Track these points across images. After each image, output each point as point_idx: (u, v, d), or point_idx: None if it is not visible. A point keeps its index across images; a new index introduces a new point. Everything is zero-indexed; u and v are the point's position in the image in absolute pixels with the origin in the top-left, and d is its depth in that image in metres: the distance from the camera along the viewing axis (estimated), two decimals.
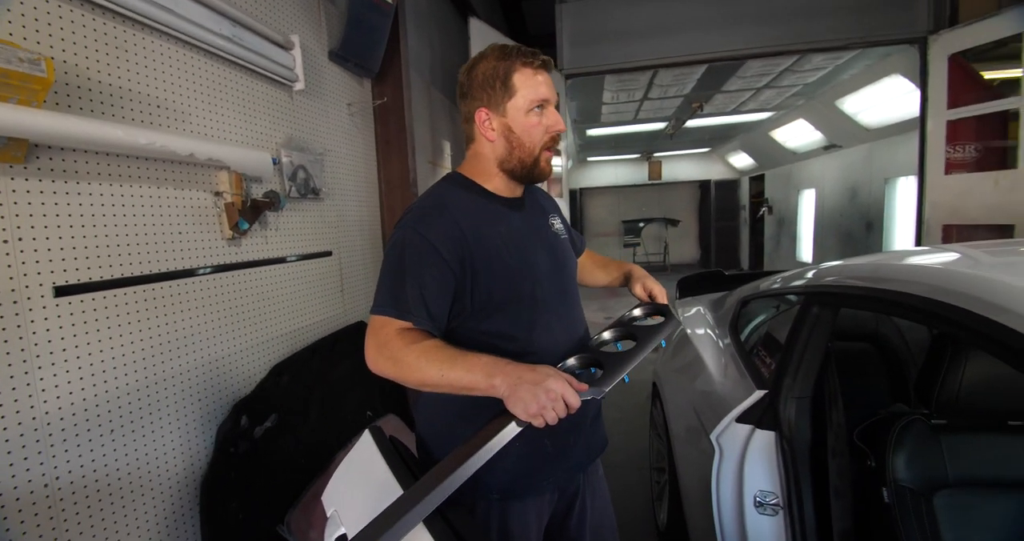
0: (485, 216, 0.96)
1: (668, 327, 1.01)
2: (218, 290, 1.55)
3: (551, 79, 0.98)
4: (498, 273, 0.93)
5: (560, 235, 1.10)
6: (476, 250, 0.91)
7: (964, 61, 3.22)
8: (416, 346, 0.83)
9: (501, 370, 0.78)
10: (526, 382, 0.76)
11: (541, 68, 0.96)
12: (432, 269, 0.88)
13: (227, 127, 1.60)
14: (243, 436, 1.59)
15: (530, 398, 0.75)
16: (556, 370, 0.81)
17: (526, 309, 0.95)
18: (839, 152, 6.37)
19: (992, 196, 2.99)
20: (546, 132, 0.97)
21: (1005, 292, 0.72)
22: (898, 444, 0.97)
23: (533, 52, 0.95)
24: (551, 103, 0.97)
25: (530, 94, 0.94)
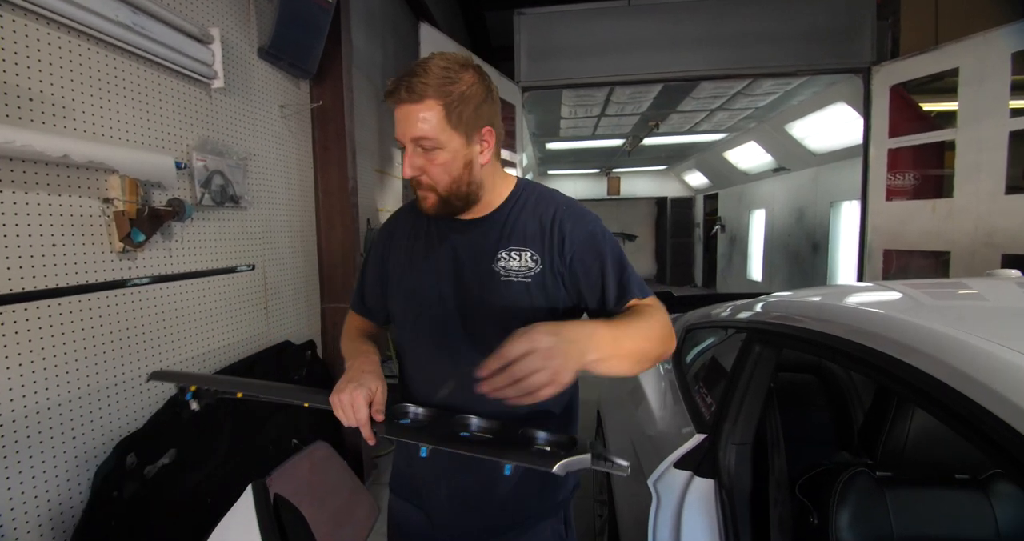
0: (410, 230, 0.98)
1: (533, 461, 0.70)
2: (104, 311, 1.35)
3: (415, 114, 0.79)
4: (392, 287, 0.98)
5: (503, 275, 0.87)
6: (388, 259, 0.99)
7: (904, 92, 3.35)
8: (347, 329, 1.06)
9: (354, 359, 0.89)
10: (346, 376, 0.84)
11: (396, 104, 0.81)
12: (372, 261, 1.03)
13: (122, 126, 1.40)
14: (130, 476, 1.38)
15: (337, 388, 0.82)
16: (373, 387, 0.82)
17: (398, 323, 0.99)
18: (788, 175, 6.60)
19: (930, 223, 3.10)
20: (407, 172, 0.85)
21: (944, 344, 0.65)
22: (842, 500, 0.90)
23: (395, 84, 0.80)
24: (405, 143, 0.82)
25: (396, 134, 0.84)
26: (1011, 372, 0.56)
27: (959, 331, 0.66)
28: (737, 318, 1.27)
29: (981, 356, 0.62)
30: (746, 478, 0.99)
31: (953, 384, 0.60)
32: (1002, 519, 0.87)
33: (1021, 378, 0.55)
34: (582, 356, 0.65)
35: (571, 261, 0.87)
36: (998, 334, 0.67)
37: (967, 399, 0.57)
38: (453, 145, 0.81)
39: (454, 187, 0.84)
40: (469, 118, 0.81)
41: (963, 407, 0.57)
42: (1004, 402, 0.53)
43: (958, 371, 0.60)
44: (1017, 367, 0.57)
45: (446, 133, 0.80)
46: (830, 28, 3.70)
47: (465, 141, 0.83)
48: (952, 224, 2.96)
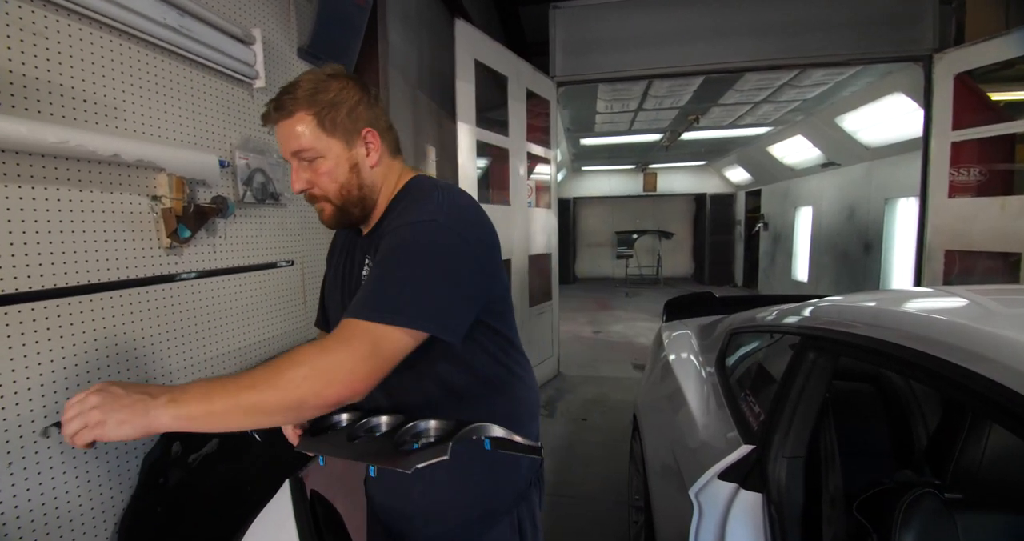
0: (340, 240, 1.05)
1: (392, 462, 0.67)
2: (153, 304, 1.39)
3: (289, 128, 0.82)
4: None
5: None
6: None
7: (971, 81, 3.12)
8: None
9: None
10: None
11: (271, 122, 0.84)
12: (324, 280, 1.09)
13: (169, 125, 1.45)
14: (175, 465, 1.43)
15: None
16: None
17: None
18: (838, 170, 6.28)
19: (997, 221, 2.87)
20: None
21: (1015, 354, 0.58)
22: (906, 523, 0.83)
23: (269, 103, 0.84)
24: (288, 158, 0.86)
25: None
26: None
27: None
28: (787, 323, 1.20)
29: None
30: (797, 493, 0.93)
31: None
32: None
33: None
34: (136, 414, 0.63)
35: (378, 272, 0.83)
36: None
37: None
38: (334, 151, 0.83)
39: (344, 193, 0.86)
40: (344, 122, 0.82)
41: None
42: None
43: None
44: None
45: (322, 141, 0.82)
46: (887, 13, 3.48)
47: (345, 146, 0.84)
48: (1023, 222, 2.74)
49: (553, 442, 3.06)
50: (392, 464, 0.65)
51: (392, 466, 0.65)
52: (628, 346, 5.55)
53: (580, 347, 5.47)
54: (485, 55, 3.24)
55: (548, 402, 3.78)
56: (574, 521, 2.24)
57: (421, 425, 0.75)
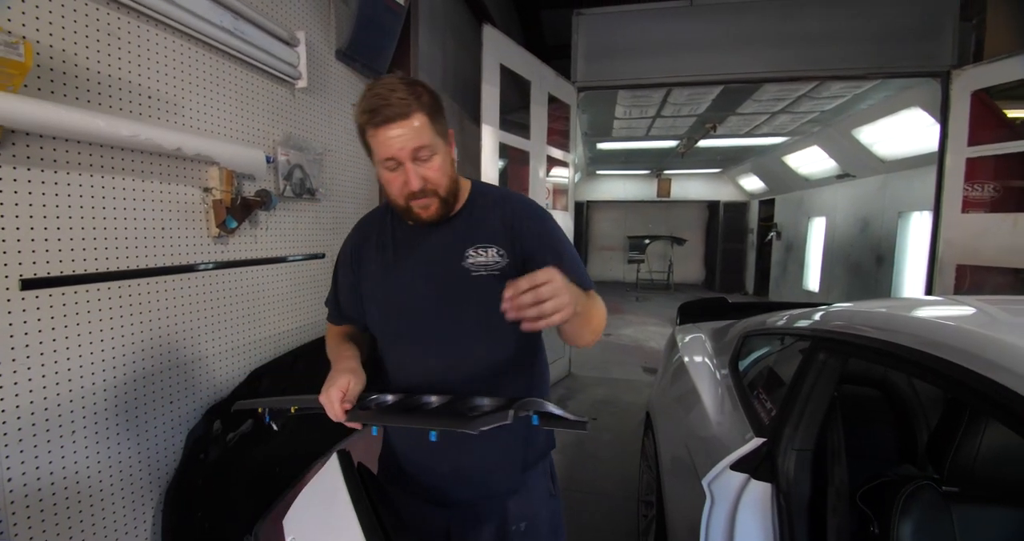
0: (377, 237, 1.03)
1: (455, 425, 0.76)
2: (199, 289, 1.49)
3: (408, 127, 0.84)
4: (367, 293, 1.02)
5: (474, 272, 0.93)
6: (360, 266, 1.03)
7: (988, 98, 3.15)
8: (329, 332, 1.15)
9: (336, 364, 0.96)
10: (329, 378, 0.92)
11: (384, 124, 0.83)
12: (342, 270, 1.07)
13: (221, 122, 1.54)
14: (215, 442, 1.52)
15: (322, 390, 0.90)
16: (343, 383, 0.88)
17: (378, 328, 1.03)
18: (852, 182, 6.29)
19: (1009, 238, 2.91)
20: (406, 187, 0.88)
21: None
22: (905, 512, 0.89)
23: (382, 104, 0.83)
24: (403, 159, 0.85)
25: (379, 155, 0.87)
26: None
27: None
28: (798, 326, 1.27)
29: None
30: (805, 484, 1.00)
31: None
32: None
33: None
34: (575, 302, 0.75)
35: (532, 255, 0.95)
36: None
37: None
38: (443, 148, 0.91)
39: (451, 187, 0.93)
40: (441, 122, 0.91)
41: None
42: None
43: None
44: None
45: (435, 139, 0.88)
46: (907, 28, 3.51)
47: (445, 143, 0.92)
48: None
49: (564, 439, 3.14)
50: (461, 427, 0.74)
51: (461, 429, 0.74)
52: (638, 350, 5.60)
53: (591, 349, 5.53)
54: (510, 60, 3.32)
55: (559, 401, 3.86)
56: (585, 516, 2.31)
57: (477, 400, 0.84)
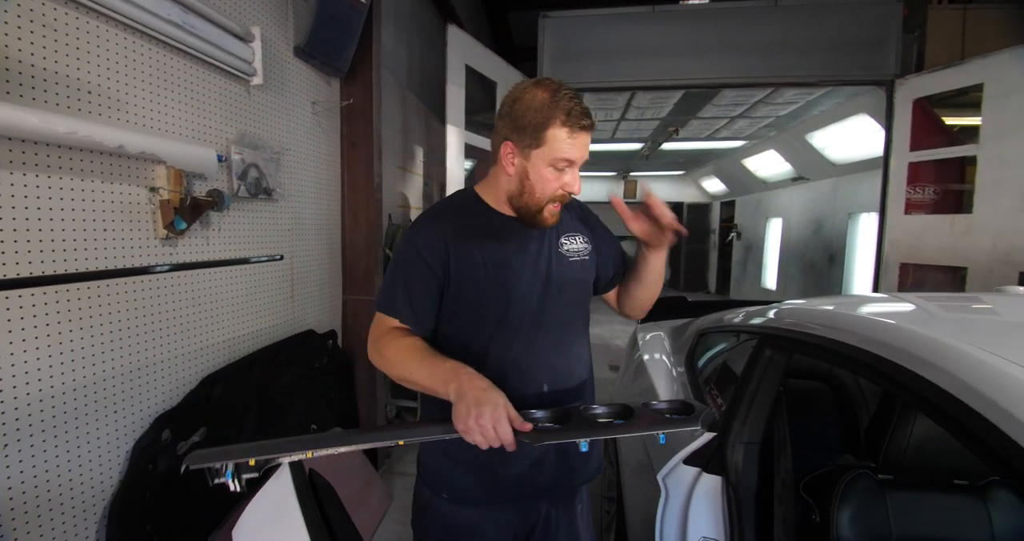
0: (476, 230, 1.00)
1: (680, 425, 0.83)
2: (146, 293, 1.43)
3: (588, 139, 0.94)
4: (468, 285, 0.98)
5: (571, 257, 1.06)
6: (455, 260, 0.97)
7: (928, 106, 3.34)
8: (397, 342, 0.94)
9: (457, 377, 0.83)
10: (468, 398, 0.79)
11: (581, 131, 0.92)
12: (417, 273, 0.98)
13: (169, 119, 1.48)
14: (164, 452, 1.46)
15: (464, 415, 0.78)
16: (504, 401, 0.80)
17: (488, 322, 0.98)
18: (806, 184, 6.56)
19: (947, 238, 3.09)
20: (559, 189, 0.96)
21: (947, 355, 0.69)
22: (843, 499, 0.94)
23: (581, 112, 0.91)
24: (576, 164, 0.95)
25: (557, 153, 0.92)
26: (1012, 384, 0.60)
27: (965, 343, 0.70)
28: (749, 323, 1.31)
29: (985, 368, 0.65)
30: (752, 476, 1.03)
31: (958, 394, 0.63)
32: (998, 525, 0.90)
33: (1021, 390, 0.59)
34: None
35: (599, 242, 1.12)
36: (1002, 347, 0.71)
37: (970, 409, 0.61)
38: None
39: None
40: None
41: (966, 417, 0.61)
42: (1004, 413, 0.57)
43: (963, 382, 0.64)
44: (1018, 380, 0.60)
45: None
46: (855, 39, 3.69)
47: None
48: (970, 240, 2.95)
49: None
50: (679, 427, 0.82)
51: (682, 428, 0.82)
52: (605, 348, 5.67)
53: None
54: (476, 61, 3.32)
55: None
56: None
57: (594, 408, 0.89)
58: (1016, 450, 0.54)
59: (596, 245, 1.12)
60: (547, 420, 0.86)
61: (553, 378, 1.02)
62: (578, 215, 1.15)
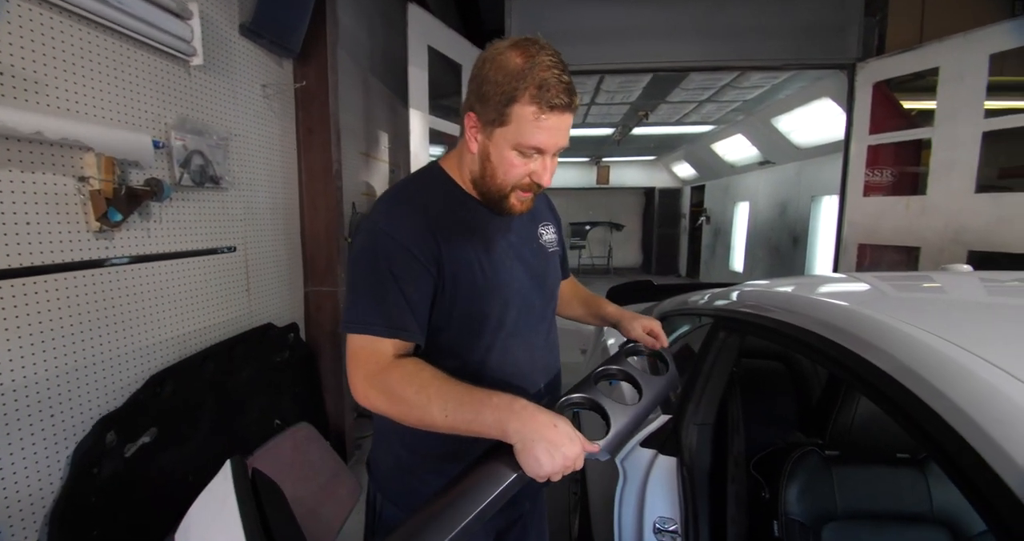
0: (459, 220, 0.85)
1: (671, 382, 0.91)
2: (82, 290, 1.35)
3: (566, 122, 0.77)
4: (463, 287, 0.82)
5: (549, 247, 0.99)
6: (446, 258, 0.81)
7: (887, 89, 3.40)
8: (414, 378, 0.73)
9: (517, 417, 0.68)
10: (545, 440, 0.66)
11: (557, 111, 0.74)
12: (412, 273, 0.78)
13: (97, 102, 1.39)
14: (109, 455, 1.40)
15: (546, 459, 0.66)
16: (573, 429, 0.70)
17: (486, 330, 0.86)
18: (772, 168, 6.67)
19: (903, 219, 3.18)
20: (526, 177, 0.81)
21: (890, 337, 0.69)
22: (791, 476, 0.95)
23: (560, 87, 0.73)
24: (549, 152, 0.79)
25: (522, 137, 0.76)
26: (941, 361, 0.60)
27: (908, 325, 0.70)
28: (705, 306, 1.31)
29: (924, 350, 0.65)
30: (706, 456, 1.04)
31: (897, 376, 0.63)
32: (936, 494, 0.93)
33: (955, 371, 0.58)
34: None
35: (560, 233, 1.04)
36: (943, 327, 0.72)
37: (906, 390, 0.61)
38: None
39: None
40: None
41: (902, 398, 0.61)
42: (936, 393, 0.57)
43: (902, 364, 0.63)
44: (952, 360, 0.60)
45: None
46: (819, 23, 3.72)
47: None
48: (924, 221, 3.05)
49: None
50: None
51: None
52: (577, 333, 5.68)
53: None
54: (438, 42, 3.23)
55: None
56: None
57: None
58: (945, 428, 0.54)
59: (559, 235, 1.07)
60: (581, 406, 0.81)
61: (548, 376, 0.98)
62: (546, 201, 1.06)
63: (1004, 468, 0.44)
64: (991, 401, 0.50)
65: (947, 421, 0.53)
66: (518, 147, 0.77)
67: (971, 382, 0.53)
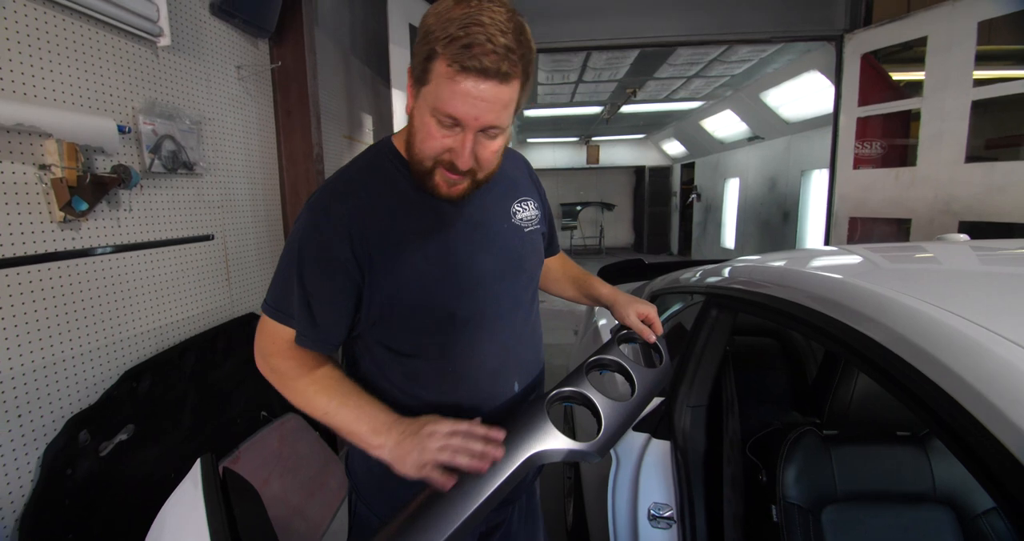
0: (403, 204, 0.75)
1: (665, 374, 0.87)
2: (49, 283, 1.29)
3: (499, 92, 0.63)
4: (405, 280, 0.74)
5: (525, 227, 0.86)
6: (378, 248, 0.73)
7: (875, 60, 3.35)
8: (303, 370, 0.76)
9: (389, 427, 0.69)
10: (407, 435, 0.67)
11: (477, 75, 0.61)
12: (320, 274, 0.72)
13: (58, 86, 1.30)
14: (83, 455, 1.35)
15: (412, 447, 0.65)
16: (437, 417, 0.69)
17: (441, 325, 0.77)
18: (761, 143, 6.63)
19: (893, 191, 3.16)
20: (443, 153, 0.69)
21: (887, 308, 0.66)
22: (789, 458, 0.93)
23: (485, 48, 0.60)
24: (469, 127, 0.66)
25: (438, 101, 0.64)
26: (948, 334, 0.57)
27: (900, 294, 0.67)
28: (694, 283, 1.29)
29: (922, 319, 0.62)
30: (700, 439, 1.02)
31: (893, 348, 0.60)
32: (938, 472, 0.92)
33: (954, 340, 0.56)
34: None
35: (544, 207, 0.95)
36: (941, 297, 0.69)
37: (904, 362, 0.58)
38: (509, 127, 0.71)
39: (493, 172, 0.75)
40: (526, 95, 0.70)
41: (900, 370, 0.58)
42: (938, 364, 0.54)
43: (900, 335, 0.61)
44: (951, 328, 0.57)
45: (512, 116, 0.69)
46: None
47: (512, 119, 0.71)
48: (914, 192, 3.03)
49: None
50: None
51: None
52: (570, 314, 5.71)
53: None
54: (419, 19, 3.12)
55: None
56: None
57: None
58: (947, 400, 0.51)
59: (543, 209, 0.94)
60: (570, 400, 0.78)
61: (526, 373, 0.87)
62: (527, 173, 0.94)
63: (1013, 441, 0.42)
64: (996, 372, 0.47)
65: (950, 394, 0.50)
66: (435, 113, 0.65)
67: (974, 353, 0.51)
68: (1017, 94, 2.54)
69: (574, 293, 1.10)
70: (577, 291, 1.09)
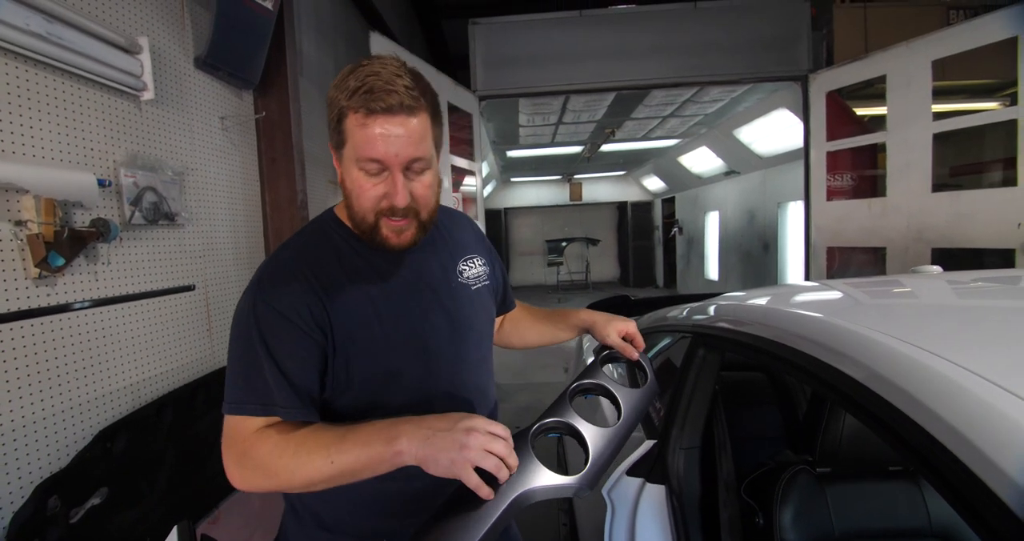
0: (352, 272, 0.76)
1: (651, 393, 0.83)
2: (20, 342, 1.25)
3: (411, 127, 0.67)
4: (361, 347, 0.73)
5: (472, 285, 0.87)
6: (336, 318, 0.72)
7: (839, 98, 3.53)
8: (287, 442, 0.65)
9: (401, 430, 0.63)
10: (439, 431, 0.61)
11: (384, 114, 0.65)
12: (291, 342, 0.70)
13: (37, 142, 1.31)
14: (53, 522, 1.28)
15: (450, 444, 0.59)
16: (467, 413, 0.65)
17: (397, 389, 0.77)
18: (738, 178, 6.84)
19: (866, 221, 3.26)
20: (383, 200, 0.70)
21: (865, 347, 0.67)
22: (784, 499, 0.91)
23: (385, 89, 0.65)
24: (394, 165, 0.68)
25: (359, 150, 0.67)
26: (925, 373, 0.58)
27: (878, 333, 0.68)
28: (681, 320, 1.29)
29: (898, 358, 0.63)
30: (695, 482, 1.00)
31: (872, 386, 0.60)
32: (932, 508, 0.90)
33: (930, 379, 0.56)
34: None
35: (494, 262, 0.96)
36: (916, 333, 0.70)
37: (884, 401, 0.58)
38: (435, 162, 0.73)
39: (435, 209, 0.76)
40: (440, 129, 0.74)
41: (880, 409, 0.58)
42: (915, 403, 0.54)
43: (878, 374, 0.61)
44: (928, 368, 0.58)
45: (432, 149, 0.71)
46: (770, 38, 3.87)
47: (436, 156, 0.74)
48: (886, 221, 3.13)
49: None
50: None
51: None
52: (560, 351, 5.64)
53: (515, 355, 5.50)
54: None
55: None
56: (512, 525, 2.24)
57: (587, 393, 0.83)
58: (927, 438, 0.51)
59: (492, 265, 0.95)
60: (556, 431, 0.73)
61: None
62: (472, 231, 0.95)
63: (992, 480, 0.42)
64: (972, 411, 0.47)
65: (930, 432, 0.50)
66: (359, 163, 0.68)
67: (951, 391, 0.51)
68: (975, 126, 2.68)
69: (552, 331, 1.07)
70: (554, 327, 1.06)
